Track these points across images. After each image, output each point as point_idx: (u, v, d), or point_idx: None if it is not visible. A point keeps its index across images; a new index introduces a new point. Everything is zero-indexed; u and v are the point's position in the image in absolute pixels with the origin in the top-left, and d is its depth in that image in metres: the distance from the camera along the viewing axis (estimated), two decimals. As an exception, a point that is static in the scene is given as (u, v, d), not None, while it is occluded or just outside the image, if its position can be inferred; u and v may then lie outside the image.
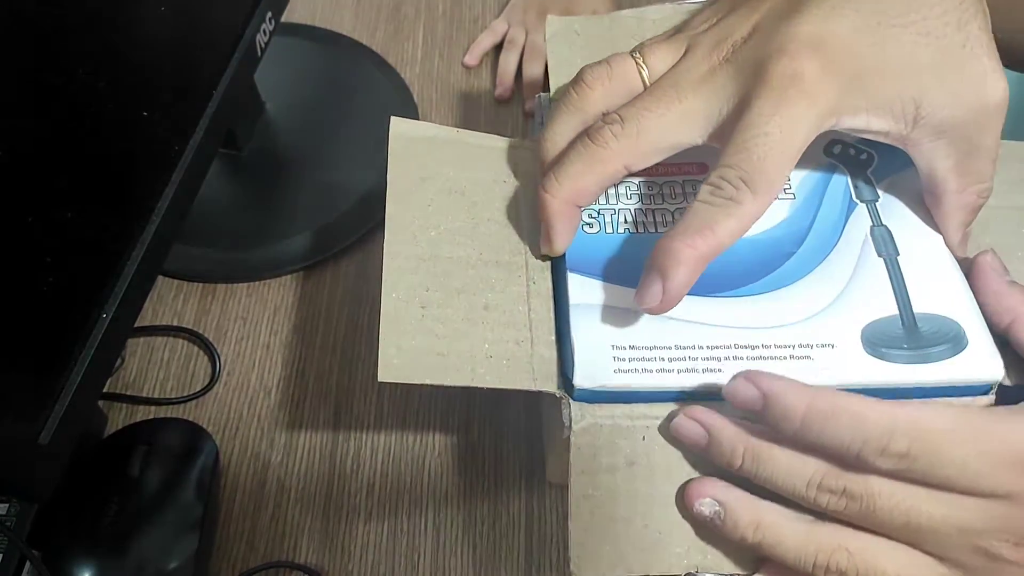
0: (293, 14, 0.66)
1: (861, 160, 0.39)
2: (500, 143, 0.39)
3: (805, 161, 0.36)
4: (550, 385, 0.33)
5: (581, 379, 0.33)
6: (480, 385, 0.33)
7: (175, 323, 0.52)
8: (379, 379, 0.33)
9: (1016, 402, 0.31)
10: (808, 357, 0.34)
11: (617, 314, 0.35)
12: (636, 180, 0.38)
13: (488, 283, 0.36)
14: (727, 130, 0.31)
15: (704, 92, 0.32)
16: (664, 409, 0.33)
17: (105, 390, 0.49)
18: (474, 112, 0.62)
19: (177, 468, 0.44)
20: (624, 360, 0.33)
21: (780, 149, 0.30)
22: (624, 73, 0.34)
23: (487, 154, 0.39)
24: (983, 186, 0.33)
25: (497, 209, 0.38)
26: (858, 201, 0.38)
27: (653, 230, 0.37)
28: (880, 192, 0.38)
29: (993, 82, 0.31)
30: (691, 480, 0.32)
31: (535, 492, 0.46)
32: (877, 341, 0.34)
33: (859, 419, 0.29)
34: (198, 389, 0.49)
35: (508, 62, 0.63)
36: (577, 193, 0.33)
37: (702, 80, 0.32)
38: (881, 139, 0.33)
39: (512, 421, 0.48)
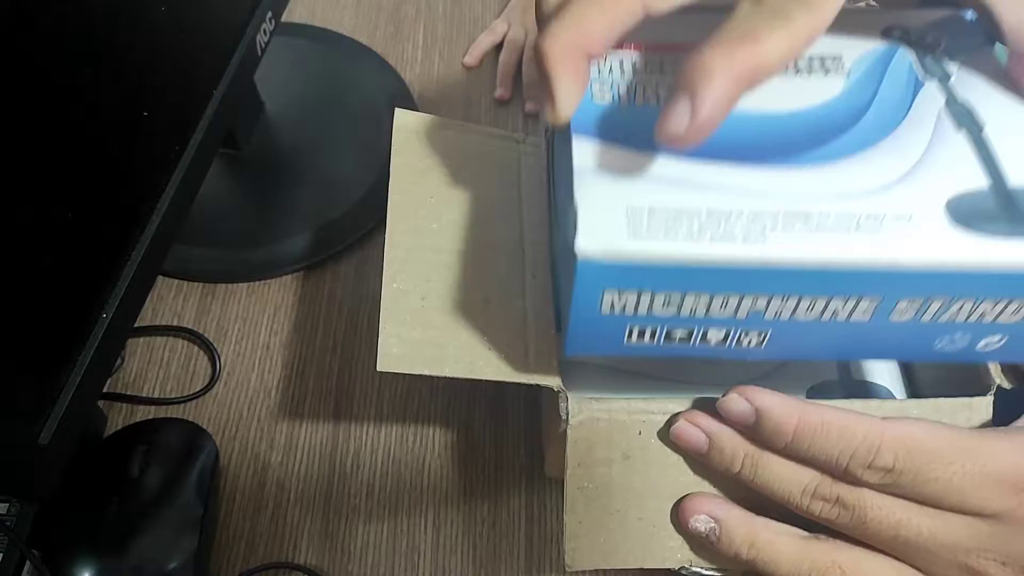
0: (293, 14, 0.66)
1: (926, 43, 0.33)
2: (503, 137, 0.39)
3: (862, 43, 0.32)
4: (548, 379, 0.33)
5: (586, 242, 0.26)
6: (478, 377, 0.32)
7: (175, 323, 0.52)
8: (378, 368, 0.32)
9: (1010, 415, 0.31)
10: (878, 229, 0.27)
11: (634, 178, 0.28)
12: (657, 54, 0.32)
13: (488, 276, 0.35)
14: None
15: None
16: (660, 405, 0.32)
17: (105, 390, 0.49)
18: (474, 112, 0.62)
19: (177, 468, 0.44)
20: (642, 226, 0.27)
21: None
22: None
23: (490, 148, 0.39)
24: None
25: (499, 202, 0.37)
26: (926, 79, 0.32)
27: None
28: (953, 72, 0.32)
29: None
30: (686, 496, 0.32)
31: (535, 492, 0.46)
32: (966, 214, 0.28)
33: (847, 433, 0.28)
34: (198, 389, 0.49)
35: (508, 62, 0.63)
36: (584, 36, 0.26)
37: None
38: None
39: (512, 421, 0.48)
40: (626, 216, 0.27)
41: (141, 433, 0.46)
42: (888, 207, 0.28)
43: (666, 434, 0.32)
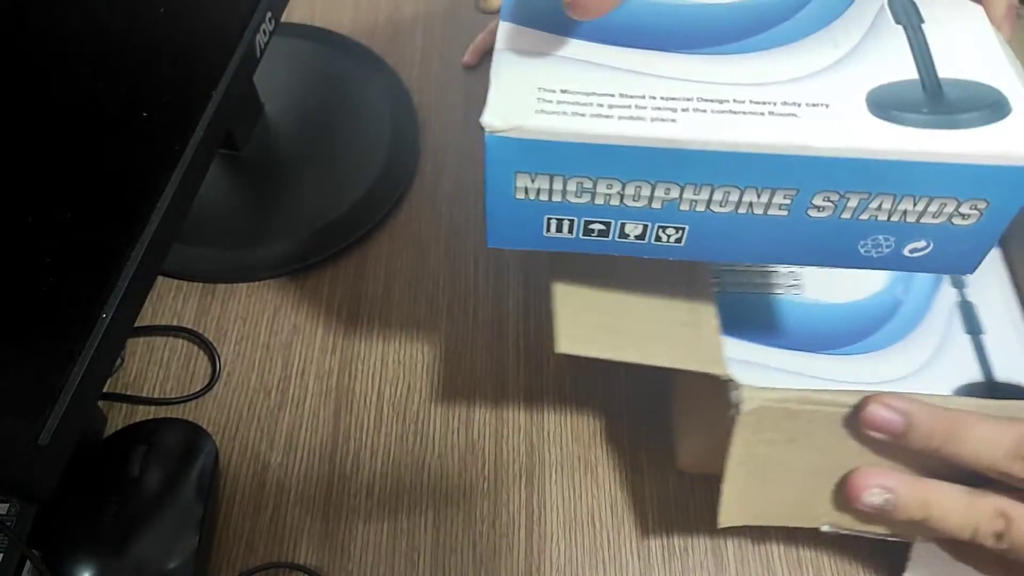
0: (292, 14, 0.66)
1: None
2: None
3: None
4: (716, 368, 0.34)
5: (491, 116, 0.26)
6: (651, 363, 0.34)
7: (175, 323, 0.52)
8: (557, 350, 0.34)
9: None
10: (793, 115, 0.26)
11: (553, 60, 0.28)
12: None
13: (653, 269, 0.35)
14: None
15: None
16: (834, 397, 0.33)
17: (105, 390, 0.49)
18: (474, 113, 0.61)
19: (177, 468, 0.44)
20: (551, 103, 0.27)
21: None
22: None
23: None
24: None
25: None
26: None
27: None
28: None
29: None
30: (852, 473, 0.34)
31: (535, 492, 0.46)
32: (887, 103, 0.27)
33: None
34: (198, 389, 0.49)
35: (484, 40, 0.63)
36: None
37: None
38: None
39: (512, 421, 0.48)
40: (537, 94, 0.27)
41: (141, 433, 0.46)
42: (807, 95, 0.27)
43: (838, 422, 0.34)
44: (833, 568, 0.43)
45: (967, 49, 0.28)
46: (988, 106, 0.27)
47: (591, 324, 0.35)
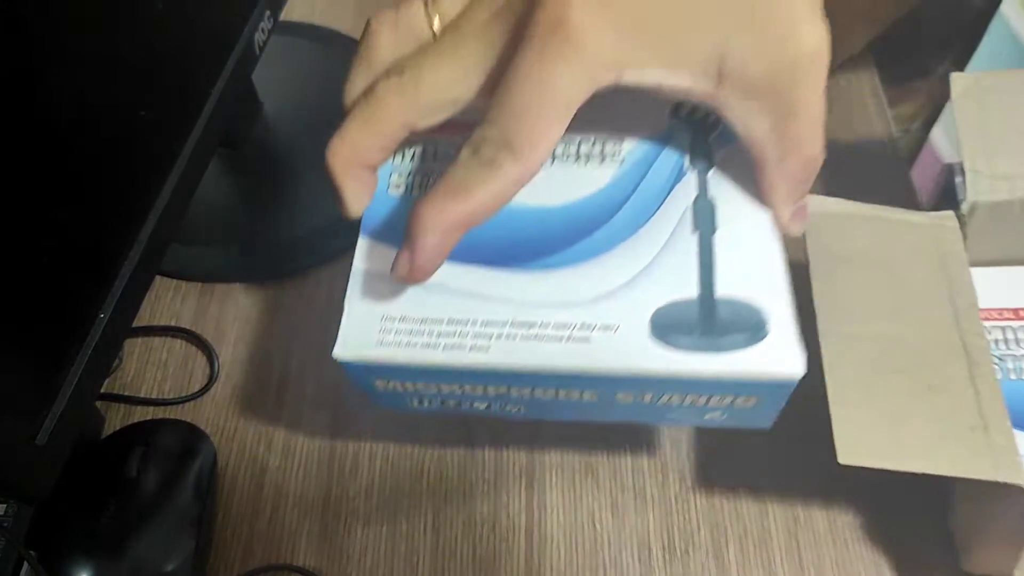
0: (292, 13, 0.66)
1: (707, 124, 0.35)
2: (919, 218, 0.39)
3: (645, 123, 0.35)
4: (1016, 476, 0.32)
5: (340, 349, 0.32)
6: (938, 472, 0.32)
7: (173, 323, 0.52)
8: (840, 461, 0.33)
9: None
10: (586, 340, 0.31)
11: (400, 285, 0.32)
12: (447, 138, 0.34)
13: (929, 363, 0.35)
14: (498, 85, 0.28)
15: (481, 41, 0.29)
16: None
17: (103, 391, 0.48)
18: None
19: (175, 469, 0.44)
20: (391, 332, 0.32)
21: (541, 106, 0.27)
22: (411, 19, 0.30)
23: (906, 230, 0.38)
24: (807, 154, 0.30)
25: (922, 284, 0.37)
26: (690, 168, 0.34)
27: None
28: (718, 161, 0.34)
29: (807, 31, 0.27)
30: None
31: (535, 494, 0.45)
32: (667, 326, 0.31)
33: None
34: (196, 390, 0.49)
35: None
36: (356, 154, 0.31)
37: (483, 28, 0.29)
38: (688, 98, 0.29)
39: (511, 423, 0.48)
40: (380, 324, 0.32)
41: (139, 434, 0.46)
42: (602, 317, 0.31)
43: None
44: (835, 572, 0.42)
45: (748, 263, 0.32)
46: (749, 329, 0.31)
47: (866, 425, 0.33)
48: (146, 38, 0.39)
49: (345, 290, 0.33)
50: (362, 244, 0.34)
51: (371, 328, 0.32)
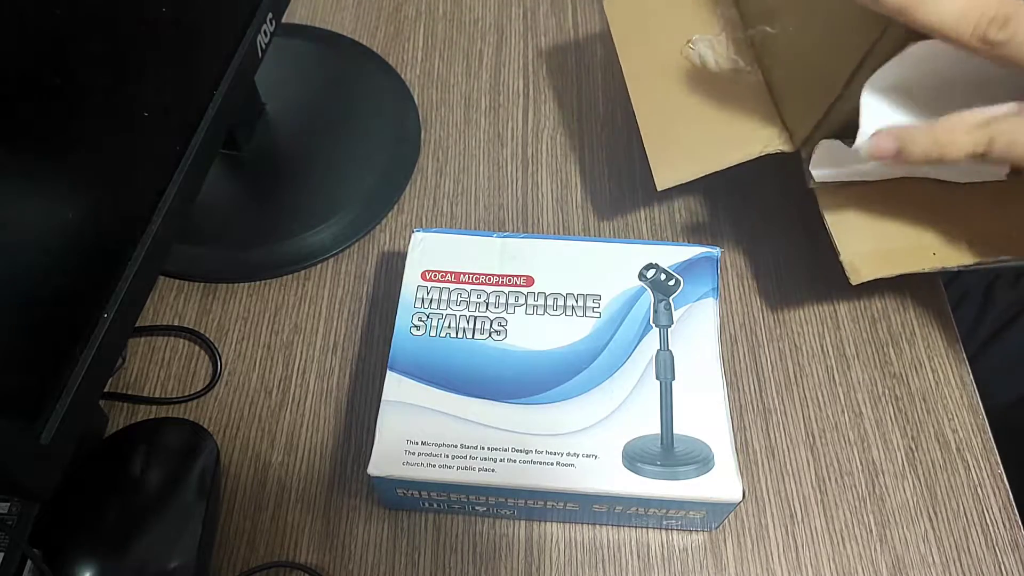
0: (294, 15, 0.66)
1: (669, 286, 0.45)
2: None
3: (619, 282, 0.45)
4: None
5: (373, 468, 0.40)
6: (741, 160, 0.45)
7: (176, 323, 0.52)
8: (658, 188, 0.46)
9: None
10: (572, 465, 0.40)
11: (421, 413, 0.42)
12: (468, 287, 0.45)
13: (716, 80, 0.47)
14: None
15: None
16: None
17: (106, 390, 0.49)
18: (474, 113, 0.62)
19: (178, 468, 0.44)
20: (414, 454, 0.41)
21: None
22: None
23: None
24: None
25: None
26: (654, 325, 0.43)
27: (471, 336, 0.44)
28: (676, 318, 0.44)
29: None
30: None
31: (535, 491, 0.46)
32: (635, 456, 0.40)
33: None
34: (199, 389, 0.49)
35: None
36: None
37: None
38: None
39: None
40: (406, 447, 0.41)
41: (142, 433, 0.46)
42: (584, 447, 0.40)
43: None
44: (832, 569, 0.43)
45: (699, 407, 0.41)
46: (699, 462, 0.40)
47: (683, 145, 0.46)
48: (150, 40, 0.40)
49: (376, 418, 0.42)
50: (390, 378, 0.43)
51: (398, 450, 0.41)
